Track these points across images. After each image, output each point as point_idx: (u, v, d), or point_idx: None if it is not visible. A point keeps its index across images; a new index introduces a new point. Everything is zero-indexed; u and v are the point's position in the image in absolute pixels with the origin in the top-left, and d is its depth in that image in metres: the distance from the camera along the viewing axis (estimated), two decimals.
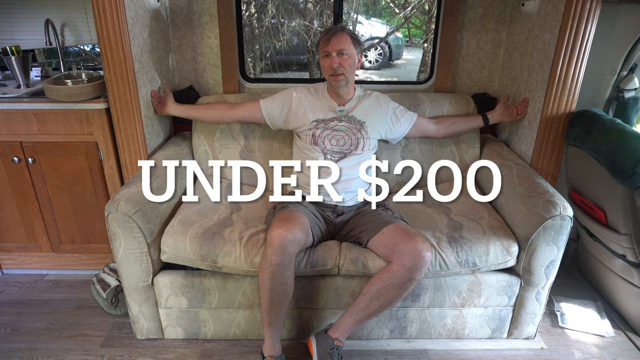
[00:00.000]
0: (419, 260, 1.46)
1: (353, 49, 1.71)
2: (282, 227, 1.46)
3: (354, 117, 1.80)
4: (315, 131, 1.78)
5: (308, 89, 1.86)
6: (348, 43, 1.69)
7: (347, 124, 1.79)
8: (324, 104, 1.81)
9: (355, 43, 1.71)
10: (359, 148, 1.79)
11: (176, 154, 1.96)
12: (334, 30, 1.70)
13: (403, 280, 1.48)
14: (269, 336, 1.56)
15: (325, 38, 1.70)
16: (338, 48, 1.67)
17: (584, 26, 1.65)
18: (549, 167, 1.88)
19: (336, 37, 1.68)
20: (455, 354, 1.75)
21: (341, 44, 1.68)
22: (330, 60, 1.68)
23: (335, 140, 1.77)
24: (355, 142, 1.78)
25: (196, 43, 2.20)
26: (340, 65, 1.68)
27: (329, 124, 1.78)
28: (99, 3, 1.62)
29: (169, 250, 1.62)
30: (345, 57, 1.69)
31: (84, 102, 1.84)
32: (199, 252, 1.59)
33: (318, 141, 1.78)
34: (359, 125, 1.79)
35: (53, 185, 2.00)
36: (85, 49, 2.49)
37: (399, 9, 5.40)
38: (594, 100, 1.96)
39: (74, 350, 1.75)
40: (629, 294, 1.83)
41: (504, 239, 1.63)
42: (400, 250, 1.48)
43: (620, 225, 1.68)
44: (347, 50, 1.69)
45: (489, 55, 2.23)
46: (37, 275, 2.19)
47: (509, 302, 1.72)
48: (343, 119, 1.79)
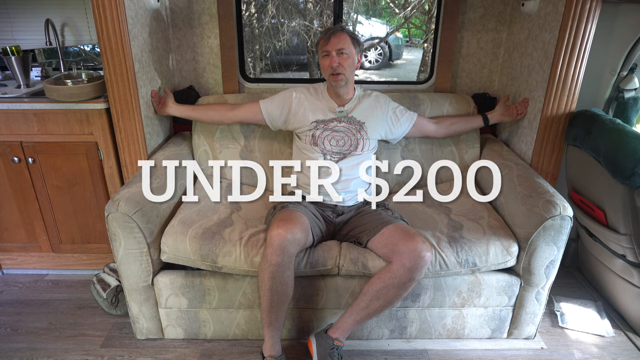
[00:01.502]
0: (419, 260, 1.46)
1: (352, 48, 1.71)
2: (282, 227, 1.46)
3: (354, 118, 1.80)
4: (315, 132, 1.78)
5: (308, 89, 1.86)
6: (348, 42, 1.69)
7: (346, 125, 1.79)
8: (323, 105, 1.81)
9: (354, 43, 1.72)
10: (359, 148, 1.79)
11: (176, 154, 1.96)
12: (334, 30, 1.70)
13: (403, 280, 1.48)
14: (269, 336, 1.56)
15: (325, 38, 1.70)
16: (337, 47, 1.68)
17: (584, 26, 1.65)
18: (549, 167, 1.88)
19: (336, 36, 1.68)
20: (455, 354, 1.75)
21: (340, 43, 1.68)
22: (329, 60, 1.69)
23: (335, 140, 1.78)
24: (355, 143, 1.78)
25: (196, 43, 2.20)
26: (340, 64, 1.69)
27: (329, 124, 1.78)
28: (99, 3, 1.62)
29: (169, 250, 1.62)
30: (345, 57, 1.69)
31: (84, 102, 1.84)
32: (199, 252, 1.59)
33: (318, 142, 1.78)
34: (358, 126, 1.79)
35: (53, 185, 2.00)
36: (85, 49, 2.49)
37: (399, 9, 5.40)
38: (594, 100, 1.96)
39: (74, 350, 1.75)
40: (629, 294, 1.83)
41: (503, 239, 1.63)
42: (400, 250, 1.48)
43: (620, 225, 1.68)
44: (347, 50, 1.69)
45: (489, 55, 2.23)
46: (37, 275, 2.19)
47: (509, 302, 1.72)
48: (343, 120, 1.79)
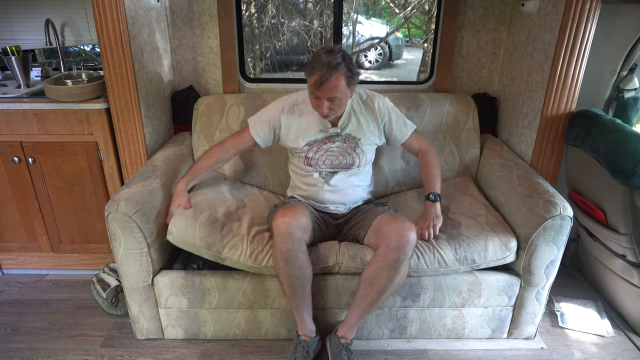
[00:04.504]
0: (402, 239, 1.47)
1: (346, 88, 1.51)
2: (286, 214, 1.49)
3: (349, 135, 1.68)
4: (309, 153, 1.69)
5: (292, 110, 1.68)
6: (341, 87, 1.48)
7: (341, 144, 1.68)
8: (313, 123, 1.67)
9: (349, 82, 1.51)
10: (355, 166, 1.72)
11: (176, 154, 1.96)
12: (327, 75, 1.44)
13: (389, 260, 1.49)
14: (299, 317, 1.62)
15: (317, 82, 1.46)
16: (329, 96, 1.49)
17: (584, 26, 1.66)
18: (549, 167, 1.88)
19: (329, 83, 1.45)
20: (455, 354, 1.75)
21: (333, 91, 1.48)
22: (320, 105, 1.52)
23: (330, 160, 1.69)
24: (351, 161, 1.70)
25: (196, 43, 2.20)
26: (331, 109, 1.54)
27: (322, 145, 1.68)
28: (99, 3, 1.62)
29: (176, 232, 1.62)
30: (337, 102, 1.52)
31: (84, 102, 1.84)
32: (206, 239, 1.59)
33: (312, 162, 1.70)
34: (353, 143, 1.68)
35: (53, 185, 2.00)
36: (85, 49, 2.49)
37: (399, 9, 5.40)
38: (594, 100, 1.96)
39: (74, 350, 1.75)
40: (629, 294, 1.83)
41: (502, 235, 1.63)
42: (384, 233, 1.51)
43: (620, 225, 1.68)
44: (340, 95, 1.50)
45: (489, 55, 2.23)
46: (37, 275, 2.19)
47: (509, 302, 1.72)
48: (337, 139, 1.68)
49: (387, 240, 1.49)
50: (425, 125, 2.07)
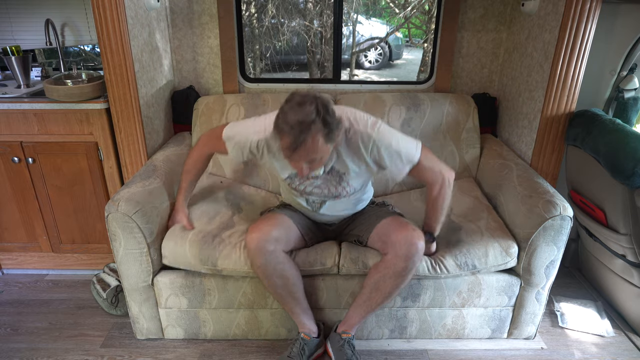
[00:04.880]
0: (411, 248, 1.46)
1: (326, 145, 1.29)
2: (255, 230, 1.49)
3: (332, 168, 1.49)
4: (292, 184, 1.56)
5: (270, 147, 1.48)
6: (320, 145, 1.26)
7: (325, 176, 1.51)
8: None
9: (328, 138, 1.27)
10: (342, 196, 1.56)
11: (176, 154, 1.96)
12: (301, 138, 1.22)
13: (398, 269, 1.48)
14: (298, 321, 1.64)
15: (290, 146, 1.25)
16: (307, 159, 1.30)
17: (584, 26, 1.66)
18: (549, 167, 1.88)
19: (304, 146, 1.24)
20: (455, 354, 1.75)
21: (311, 154, 1.27)
22: (298, 167, 1.34)
23: (316, 192, 1.56)
24: (337, 193, 1.55)
25: (196, 43, 2.20)
26: (311, 169, 1.36)
27: (305, 181, 1.53)
28: (99, 3, 1.62)
29: (169, 254, 1.63)
30: (318, 161, 1.34)
31: (84, 102, 1.84)
32: (198, 256, 1.59)
33: (298, 189, 1.57)
34: (338, 177, 1.51)
35: (53, 185, 2.00)
36: (85, 49, 2.49)
37: (399, 9, 5.40)
38: (594, 100, 1.96)
39: (74, 350, 1.75)
40: (629, 294, 1.83)
41: (502, 241, 1.63)
42: (393, 241, 1.50)
43: (620, 225, 1.68)
44: (319, 154, 1.30)
45: (489, 55, 2.23)
46: (37, 275, 2.19)
47: (509, 302, 1.72)
48: (319, 177, 1.52)
49: (395, 249, 1.48)
50: (425, 125, 2.07)
